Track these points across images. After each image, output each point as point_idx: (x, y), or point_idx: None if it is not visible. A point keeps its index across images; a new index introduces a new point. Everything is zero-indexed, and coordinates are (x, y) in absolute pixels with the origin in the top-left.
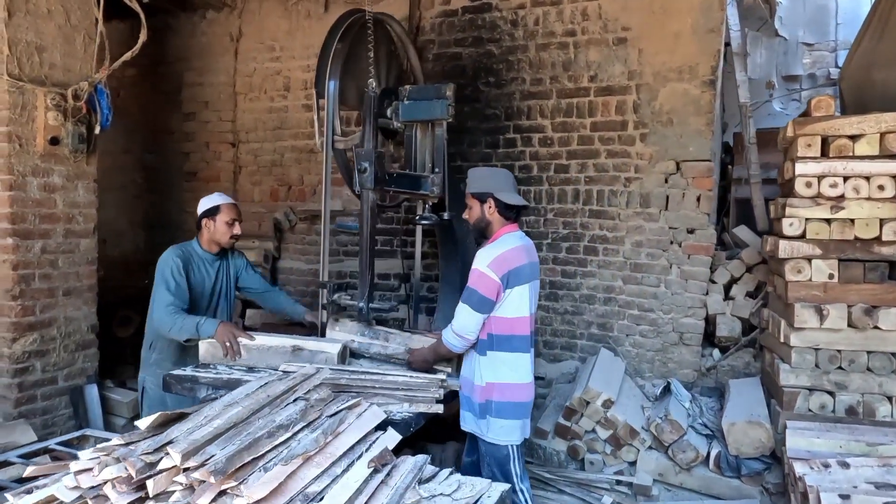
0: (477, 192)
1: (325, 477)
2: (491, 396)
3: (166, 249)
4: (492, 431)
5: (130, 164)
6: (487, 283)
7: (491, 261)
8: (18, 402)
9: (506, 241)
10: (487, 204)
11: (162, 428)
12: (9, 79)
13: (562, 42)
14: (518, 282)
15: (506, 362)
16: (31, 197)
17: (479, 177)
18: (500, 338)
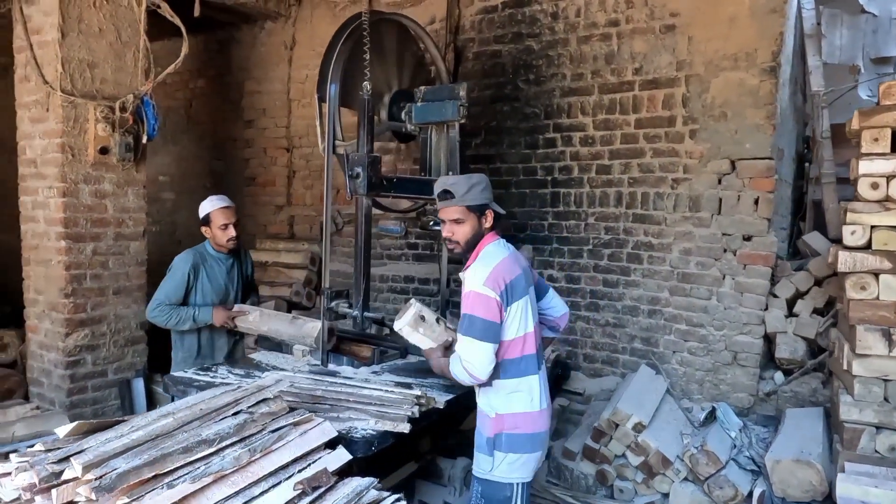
0: (474, 204)
1: (238, 498)
2: (502, 429)
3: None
4: (498, 469)
5: (201, 169)
6: (488, 304)
7: (486, 278)
8: (70, 392)
9: (493, 252)
10: (487, 217)
11: (85, 436)
12: (62, 94)
13: (604, 33)
14: (517, 296)
15: (517, 389)
16: (82, 203)
17: (475, 185)
18: (507, 363)
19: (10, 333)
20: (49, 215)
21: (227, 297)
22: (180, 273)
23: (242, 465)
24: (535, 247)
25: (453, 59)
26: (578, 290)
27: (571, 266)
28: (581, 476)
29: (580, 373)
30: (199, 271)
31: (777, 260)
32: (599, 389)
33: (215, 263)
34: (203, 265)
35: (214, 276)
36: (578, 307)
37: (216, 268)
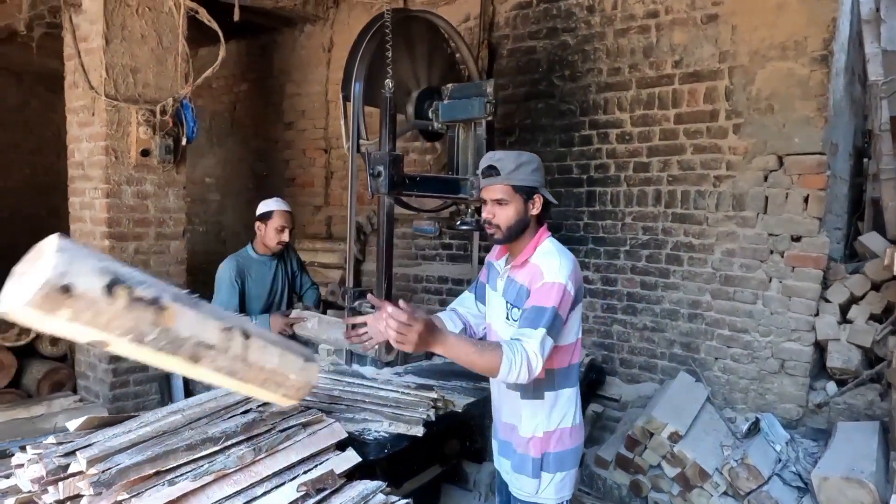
0: (523, 185)
1: (240, 497)
2: (548, 448)
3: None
4: (546, 490)
5: (244, 171)
6: (566, 298)
7: (571, 270)
8: (113, 386)
9: (564, 250)
10: (535, 202)
11: (96, 430)
12: (106, 99)
13: (643, 25)
14: (580, 298)
15: (568, 401)
16: (125, 203)
17: (524, 165)
18: (561, 371)
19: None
20: (95, 215)
21: (274, 298)
22: (227, 281)
23: (246, 465)
24: (570, 248)
25: (487, 56)
26: (615, 293)
27: (608, 267)
28: (614, 486)
29: (617, 378)
30: (244, 276)
31: (829, 262)
32: (636, 396)
33: (259, 267)
34: (247, 270)
35: (260, 279)
36: (615, 310)
37: (261, 271)
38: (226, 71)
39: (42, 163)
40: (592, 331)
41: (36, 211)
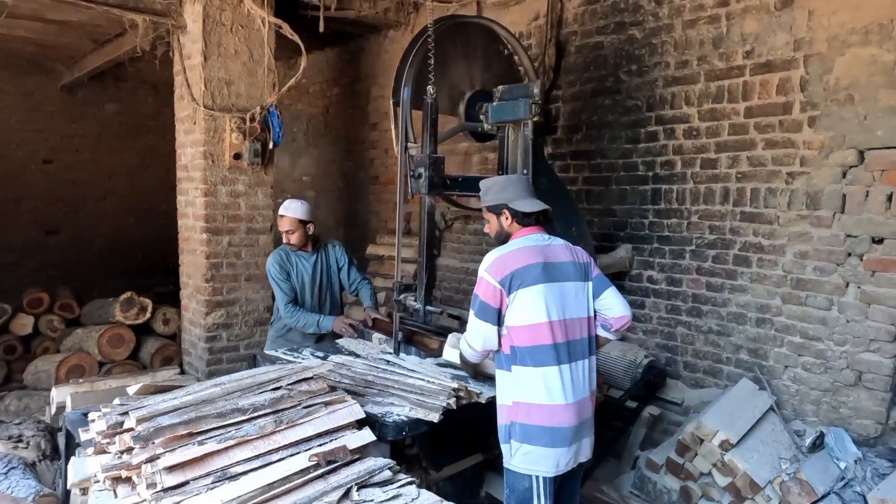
0: (490, 205)
1: (257, 461)
2: (516, 418)
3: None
4: (515, 458)
5: (334, 170)
6: (485, 287)
7: (489, 264)
8: (209, 363)
9: (514, 243)
10: (503, 216)
11: (151, 395)
12: (205, 109)
13: (713, 15)
14: (525, 283)
15: (532, 379)
16: (220, 201)
17: (490, 189)
18: (521, 350)
19: (171, 310)
20: (195, 212)
21: (321, 288)
22: (275, 271)
23: (266, 434)
24: (634, 246)
25: (554, 54)
26: (679, 294)
27: (672, 267)
28: (664, 490)
29: (680, 382)
30: (288, 267)
31: None
32: (699, 401)
33: (298, 260)
34: (288, 261)
35: (300, 271)
36: (679, 311)
37: (300, 263)
38: (320, 77)
39: (174, 164)
40: (655, 332)
41: (170, 206)
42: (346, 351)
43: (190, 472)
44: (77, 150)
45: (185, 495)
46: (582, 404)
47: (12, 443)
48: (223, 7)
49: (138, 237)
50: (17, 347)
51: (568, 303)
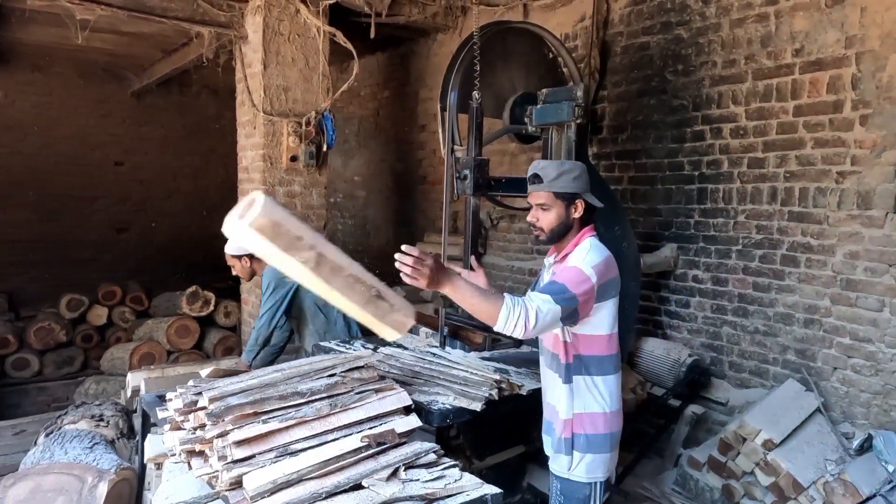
0: (563, 191)
1: (314, 440)
2: (580, 430)
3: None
4: (577, 468)
5: (385, 170)
6: (582, 281)
7: (594, 263)
8: None
9: (601, 247)
10: (574, 206)
11: (221, 378)
12: (264, 114)
13: (761, 13)
14: (612, 293)
15: (600, 389)
16: (278, 201)
17: (565, 173)
18: (592, 359)
19: (232, 304)
20: None
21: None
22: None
23: (322, 416)
24: (679, 246)
25: (599, 55)
26: (725, 293)
27: (718, 267)
28: (706, 488)
29: (725, 381)
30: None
31: None
32: (745, 401)
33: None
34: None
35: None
36: (724, 311)
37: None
38: (371, 80)
39: (234, 165)
40: (701, 331)
41: (230, 205)
42: (395, 344)
43: (255, 447)
44: (145, 152)
45: (251, 467)
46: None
47: (94, 421)
48: (281, 17)
49: (200, 234)
50: (93, 336)
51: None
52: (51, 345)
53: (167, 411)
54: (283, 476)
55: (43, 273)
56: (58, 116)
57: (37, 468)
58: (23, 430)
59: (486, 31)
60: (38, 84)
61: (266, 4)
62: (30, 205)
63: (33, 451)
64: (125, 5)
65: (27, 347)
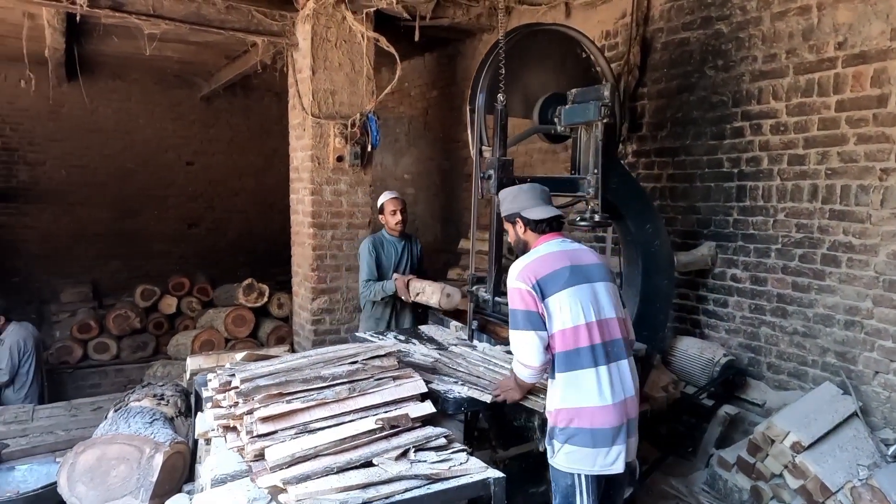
0: (505, 215)
1: (332, 420)
2: (556, 422)
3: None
4: (557, 456)
5: (432, 168)
6: (520, 296)
7: (517, 273)
8: (314, 343)
9: (537, 250)
10: (518, 225)
11: (253, 362)
12: (312, 117)
13: (803, 6)
14: (555, 289)
15: (571, 383)
16: (325, 199)
17: (504, 200)
18: (560, 356)
19: (285, 296)
20: (304, 209)
21: (400, 272)
22: (366, 252)
23: (341, 399)
24: (718, 244)
25: (639, 51)
26: (764, 293)
27: (757, 266)
28: (735, 489)
29: (763, 383)
30: (378, 250)
31: None
32: (782, 403)
33: (389, 246)
34: (380, 247)
35: (389, 255)
36: (763, 311)
37: (390, 249)
38: (420, 80)
39: None
40: (738, 331)
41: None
42: (425, 336)
43: (279, 423)
44: (213, 152)
45: (273, 441)
46: (626, 404)
47: (156, 400)
48: (329, 25)
49: (263, 229)
50: (164, 324)
51: (602, 303)
52: (127, 331)
53: (209, 391)
54: (300, 451)
55: (122, 265)
56: (136, 121)
57: (103, 438)
58: (99, 407)
59: (512, 36)
60: (118, 91)
61: (315, 13)
62: (111, 203)
63: (103, 423)
64: (186, 19)
65: (107, 333)
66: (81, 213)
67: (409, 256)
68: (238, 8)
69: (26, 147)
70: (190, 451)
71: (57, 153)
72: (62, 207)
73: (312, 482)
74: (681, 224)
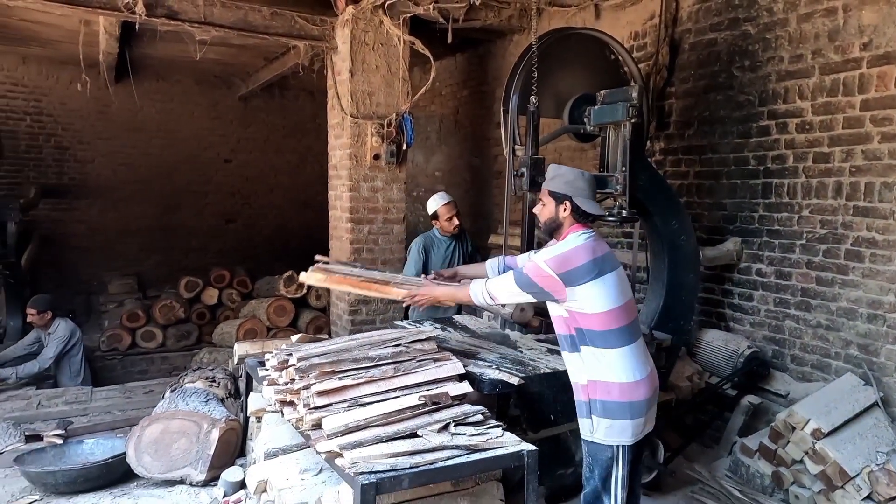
0: (555, 190)
1: (379, 396)
2: (594, 395)
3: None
4: (597, 431)
5: (462, 166)
6: (541, 274)
7: (550, 258)
8: (351, 333)
9: (569, 241)
10: (563, 206)
11: (310, 343)
12: (350, 118)
13: (829, 7)
14: (591, 276)
15: (610, 361)
16: (362, 196)
17: (559, 176)
18: (594, 333)
19: (322, 288)
20: (342, 205)
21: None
22: (416, 252)
23: (387, 377)
24: (743, 240)
25: (668, 52)
26: (788, 287)
27: (782, 261)
28: (757, 474)
29: (787, 374)
30: (429, 250)
31: None
32: (805, 394)
33: (440, 245)
34: (431, 247)
35: (439, 255)
36: (787, 305)
37: (441, 248)
38: (451, 80)
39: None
40: (763, 324)
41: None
42: (459, 325)
43: (332, 397)
44: (250, 150)
45: (328, 413)
46: (651, 377)
47: (208, 382)
48: (367, 29)
49: (297, 225)
50: (206, 314)
51: (625, 286)
52: (172, 320)
53: (266, 371)
54: (353, 421)
55: (163, 258)
56: (177, 120)
57: (166, 413)
58: (151, 391)
59: (544, 40)
60: (162, 92)
61: (354, 18)
62: (154, 199)
63: (161, 402)
64: (235, 25)
65: (153, 322)
66: (127, 209)
67: (461, 254)
68: (282, 14)
69: (76, 146)
70: (242, 429)
71: (105, 151)
72: (109, 203)
73: (365, 448)
74: (707, 220)
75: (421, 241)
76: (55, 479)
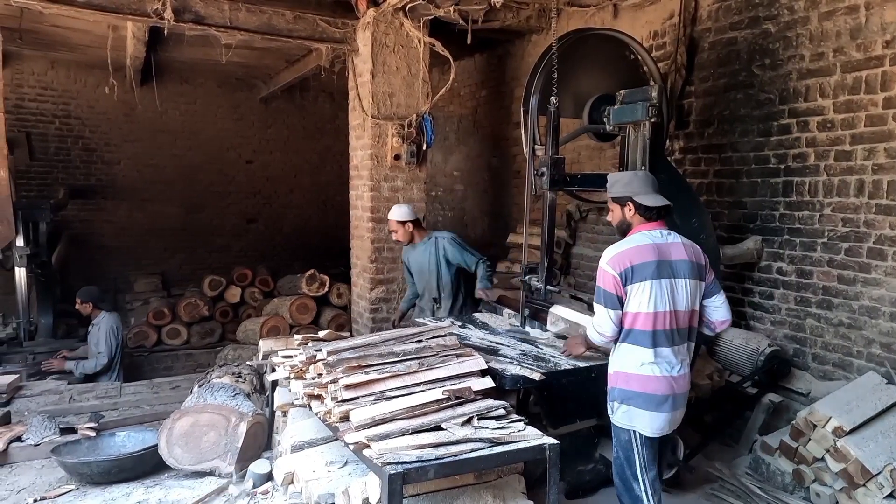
0: (616, 196)
1: (404, 390)
2: (616, 384)
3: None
4: (616, 414)
5: (482, 165)
6: (606, 278)
7: (610, 258)
8: (371, 330)
9: (633, 239)
10: (627, 207)
11: (337, 338)
12: (372, 119)
13: (850, 5)
14: (639, 278)
15: (628, 353)
16: (383, 195)
17: (617, 181)
18: (628, 332)
19: (344, 286)
20: (363, 204)
21: (430, 273)
22: (403, 261)
23: (412, 372)
24: (764, 238)
25: (686, 51)
26: (809, 286)
27: (803, 259)
28: (777, 472)
29: (808, 373)
30: (408, 259)
31: None
32: (827, 393)
33: (409, 252)
34: (410, 255)
35: (417, 259)
36: (809, 303)
37: (415, 255)
38: (470, 80)
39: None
40: (784, 323)
41: (343, 199)
42: (480, 322)
43: (359, 391)
44: (271, 151)
45: (356, 406)
46: (676, 380)
47: (235, 377)
48: (387, 32)
49: (317, 224)
50: (229, 312)
51: (678, 297)
52: (196, 318)
53: (288, 365)
54: (379, 414)
55: (186, 257)
56: (201, 122)
57: (195, 407)
58: (177, 386)
59: (564, 41)
60: (185, 95)
61: (375, 21)
62: (178, 199)
63: (190, 397)
64: (259, 29)
65: (178, 320)
66: (152, 209)
67: (436, 257)
68: (305, 17)
69: (103, 148)
70: (267, 423)
71: (131, 153)
72: (135, 203)
73: (392, 440)
74: (727, 219)
75: (403, 253)
76: (90, 470)
